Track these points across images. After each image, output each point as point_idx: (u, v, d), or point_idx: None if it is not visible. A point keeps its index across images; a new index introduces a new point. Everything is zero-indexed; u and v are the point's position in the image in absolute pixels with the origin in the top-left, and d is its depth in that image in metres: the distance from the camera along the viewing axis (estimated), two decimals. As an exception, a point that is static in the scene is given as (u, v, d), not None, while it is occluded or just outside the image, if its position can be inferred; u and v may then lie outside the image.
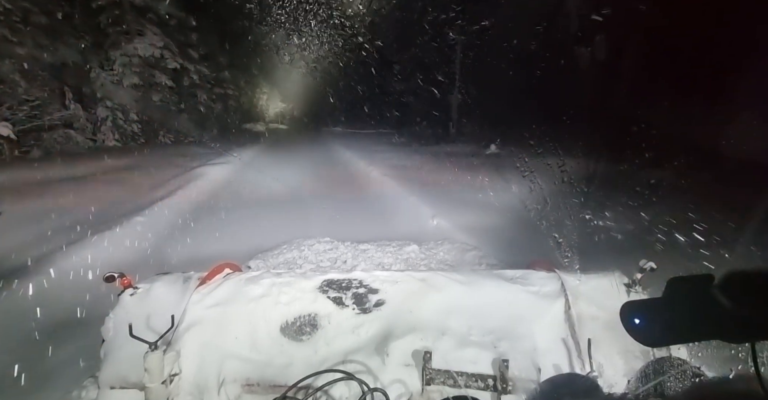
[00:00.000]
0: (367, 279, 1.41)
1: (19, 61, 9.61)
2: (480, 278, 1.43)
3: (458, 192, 6.13)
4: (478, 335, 1.24)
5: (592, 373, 1.09)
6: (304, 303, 1.34)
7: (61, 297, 2.70)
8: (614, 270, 1.37)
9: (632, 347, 1.16)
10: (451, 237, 3.99)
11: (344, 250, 3.54)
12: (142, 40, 12.91)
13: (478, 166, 8.20)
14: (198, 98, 15.80)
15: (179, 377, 1.18)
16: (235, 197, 6.14)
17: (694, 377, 0.81)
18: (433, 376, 1.12)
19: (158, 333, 1.15)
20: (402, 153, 11.35)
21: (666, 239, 3.39)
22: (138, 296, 1.32)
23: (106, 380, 1.19)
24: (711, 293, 0.47)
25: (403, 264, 3.29)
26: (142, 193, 5.88)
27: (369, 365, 1.19)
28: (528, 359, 1.18)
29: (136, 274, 1.42)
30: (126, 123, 12.60)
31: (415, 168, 8.53)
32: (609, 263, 1.43)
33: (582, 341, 1.18)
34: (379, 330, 1.27)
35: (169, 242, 4.08)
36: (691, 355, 1.15)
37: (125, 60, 12.70)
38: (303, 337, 1.27)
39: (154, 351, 1.07)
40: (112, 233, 3.98)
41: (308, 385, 1.05)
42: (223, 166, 8.79)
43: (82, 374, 1.53)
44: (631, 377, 0.99)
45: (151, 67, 13.24)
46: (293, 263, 3.34)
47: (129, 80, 12.66)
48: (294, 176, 7.97)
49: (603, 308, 1.25)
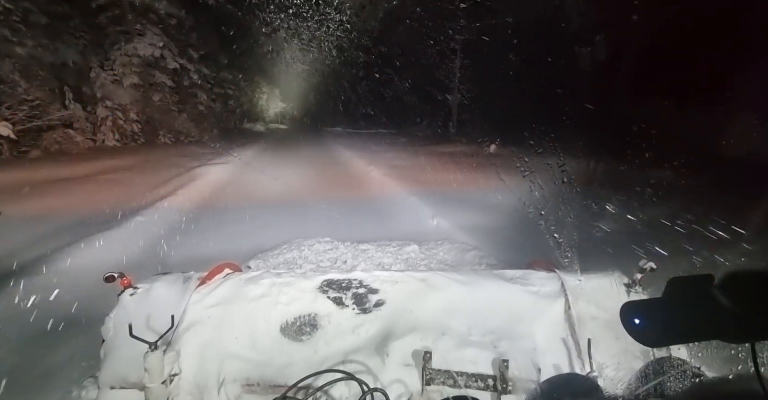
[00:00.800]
0: (367, 279, 1.41)
1: (19, 60, 9.61)
2: (480, 277, 1.43)
3: (458, 192, 6.14)
4: (478, 335, 1.24)
5: (592, 373, 1.09)
6: (304, 303, 1.34)
7: (60, 297, 2.70)
8: (614, 270, 1.37)
9: (632, 347, 1.16)
10: (451, 237, 3.99)
11: (344, 250, 3.54)
12: (142, 39, 12.91)
13: (478, 166, 8.20)
14: (198, 98, 15.80)
15: (179, 377, 1.18)
16: (235, 197, 6.15)
17: (694, 377, 0.81)
18: (433, 376, 1.12)
19: (158, 333, 1.15)
20: (402, 153, 11.35)
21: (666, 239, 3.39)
22: (138, 296, 1.32)
23: (106, 380, 1.19)
24: (711, 293, 0.47)
25: (403, 264, 3.28)
26: (142, 193, 5.88)
27: (369, 365, 1.19)
28: (528, 359, 1.18)
29: (137, 274, 1.42)
30: (126, 123, 12.60)
31: (415, 168, 8.53)
32: (609, 263, 1.43)
33: (582, 341, 1.19)
34: (379, 330, 1.27)
35: (169, 242, 4.07)
36: (691, 355, 1.15)
37: (125, 60, 12.69)
38: (303, 337, 1.27)
39: (154, 351, 1.07)
40: (112, 233, 3.98)
41: (308, 385, 1.05)
42: (223, 166, 8.79)
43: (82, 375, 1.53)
44: (631, 377, 0.99)
45: (151, 67, 13.24)
46: (293, 263, 3.34)
47: (129, 80, 12.66)
48: (294, 176, 7.97)
49: (603, 308, 1.25)
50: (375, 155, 10.53)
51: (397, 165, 8.83)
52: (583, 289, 1.31)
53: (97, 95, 12.14)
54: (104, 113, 12.14)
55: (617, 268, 1.38)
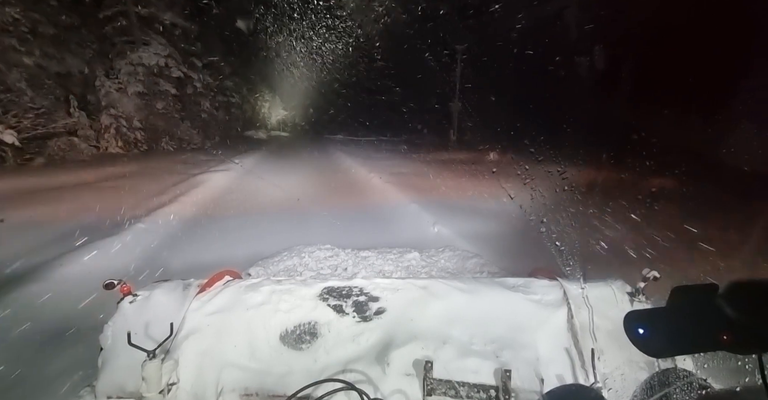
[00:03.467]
0: (367, 287, 1.40)
1: (27, 70, 9.77)
2: (482, 286, 1.42)
3: (459, 199, 6.13)
4: (480, 344, 1.23)
5: (596, 384, 1.07)
6: (304, 311, 1.33)
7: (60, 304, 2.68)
8: (617, 278, 1.36)
9: (637, 358, 1.14)
10: (452, 244, 3.97)
11: (345, 257, 3.52)
12: (147, 49, 13.13)
13: (479, 173, 8.21)
14: (201, 106, 15.99)
15: (177, 386, 1.16)
16: (236, 204, 6.16)
17: (701, 389, 0.80)
18: (435, 386, 1.10)
19: (157, 341, 1.14)
20: (403, 160, 11.40)
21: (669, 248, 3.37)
22: (137, 303, 1.31)
23: (103, 389, 1.17)
24: (716, 302, 0.46)
25: (403, 271, 3.26)
26: (145, 200, 5.90)
27: (369, 375, 1.17)
28: (531, 369, 1.16)
29: (137, 281, 1.42)
30: (129, 130, 12.73)
31: (416, 175, 8.55)
32: (611, 271, 1.42)
33: (585, 350, 1.17)
34: (380, 339, 1.26)
35: (170, 249, 4.07)
36: (697, 366, 1.13)
37: (130, 69, 12.89)
38: (303, 345, 1.26)
39: (152, 360, 1.06)
40: (113, 240, 3.98)
41: (307, 395, 1.04)
42: (225, 173, 8.83)
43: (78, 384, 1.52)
44: (636, 388, 0.97)
45: (155, 76, 13.44)
46: (293, 270, 3.31)
47: (133, 88, 12.83)
48: (295, 183, 7.99)
49: (606, 317, 1.23)
50: (376, 163, 10.58)
51: (397, 172, 8.86)
52: (586, 298, 1.29)
53: (102, 103, 12.30)
54: (108, 121, 12.28)
55: (620, 276, 1.37)
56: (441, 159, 11.25)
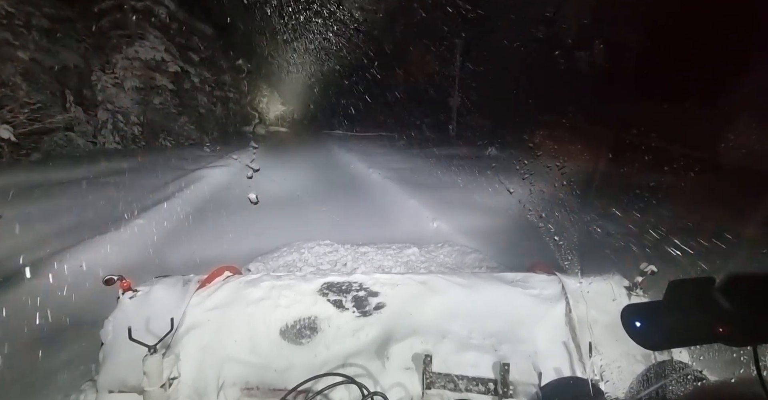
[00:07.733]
0: (367, 282, 1.40)
1: (21, 64, 9.65)
2: (480, 280, 1.43)
3: (458, 194, 6.13)
4: (479, 338, 1.24)
5: (593, 377, 1.09)
6: (303, 306, 1.33)
7: (60, 300, 2.69)
8: (615, 273, 1.36)
9: (633, 351, 1.15)
10: (451, 240, 3.98)
11: (344, 252, 3.52)
12: (143, 43, 12.97)
13: (478, 168, 8.21)
14: (198, 101, 15.85)
15: (178, 380, 1.17)
16: (235, 200, 6.14)
17: (696, 380, 0.81)
18: (434, 380, 1.11)
19: (157, 336, 1.15)
20: (402, 156, 11.36)
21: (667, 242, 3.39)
22: (137, 299, 1.32)
23: (104, 383, 1.18)
24: (712, 296, 0.46)
25: (403, 267, 3.26)
26: (142, 195, 5.88)
27: (369, 369, 1.18)
28: (529, 362, 1.17)
29: (136, 276, 1.42)
30: (126, 126, 12.62)
31: (415, 170, 8.54)
32: (609, 266, 1.43)
33: (583, 344, 1.18)
34: (379, 333, 1.27)
35: (169, 245, 4.07)
36: (692, 358, 1.15)
37: (126, 63, 12.75)
38: (303, 340, 1.26)
39: (153, 354, 1.06)
40: (111, 236, 3.97)
41: (308, 389, 1.05)
42: (223, 168, 8.80)
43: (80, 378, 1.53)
44: (633, 380, 0.98)
45: (152, 70, 13.29)
46: (293, 265, 3.31)
47: (130, 83, 12.70)
48: (294, 178, 7.97)
49: (604, 311, 1.24)
50: (375, 158, 10.54)
51: (397, 167, 8.84)
52: (584, 292, 1.30)
53: (98, 98, 12.18)
54: (105, 116, 12.17)
55: (618, 271, 1.37)
56: (440, 154, 11.22)
